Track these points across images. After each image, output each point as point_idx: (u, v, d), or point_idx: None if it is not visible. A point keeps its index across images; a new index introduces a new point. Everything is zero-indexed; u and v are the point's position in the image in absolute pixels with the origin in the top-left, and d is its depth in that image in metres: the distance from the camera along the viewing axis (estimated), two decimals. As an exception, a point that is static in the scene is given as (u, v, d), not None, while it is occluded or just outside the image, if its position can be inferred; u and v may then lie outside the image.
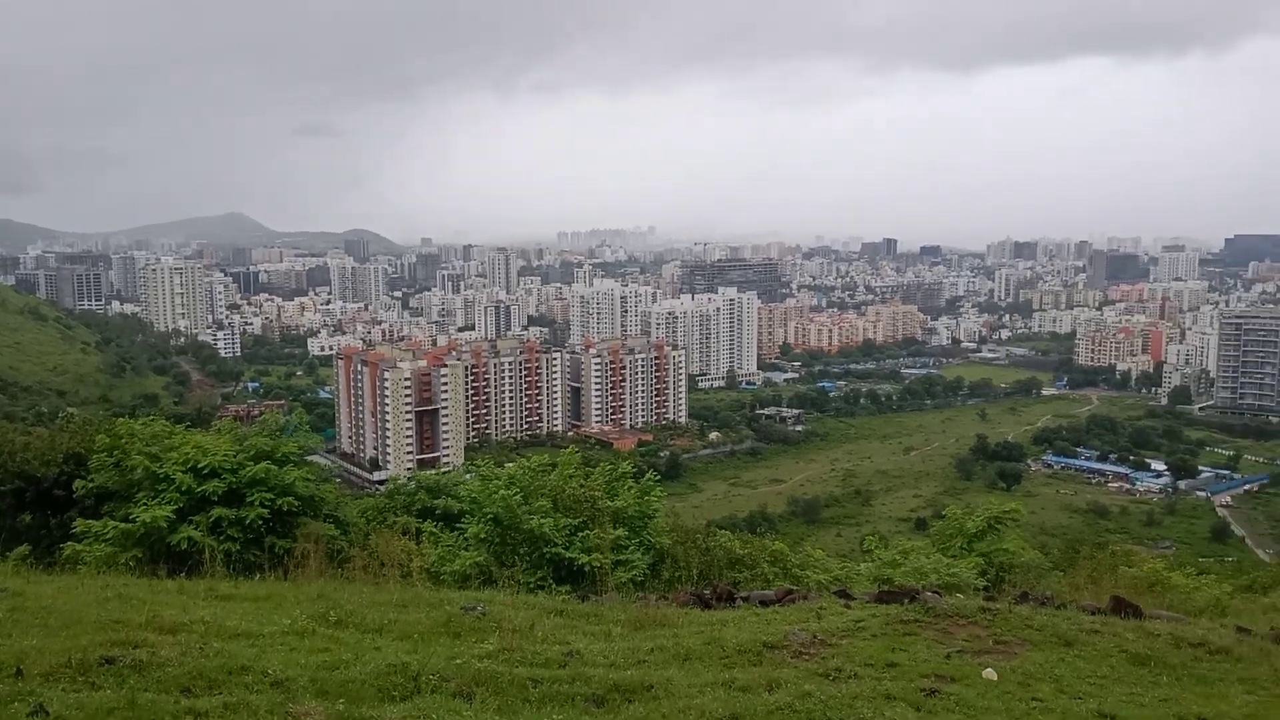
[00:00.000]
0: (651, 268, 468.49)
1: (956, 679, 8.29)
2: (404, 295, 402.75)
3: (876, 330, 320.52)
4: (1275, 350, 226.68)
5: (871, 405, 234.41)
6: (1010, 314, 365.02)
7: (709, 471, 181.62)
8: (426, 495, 21.20)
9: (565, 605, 11.65)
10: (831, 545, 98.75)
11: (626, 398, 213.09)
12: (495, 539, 14.95)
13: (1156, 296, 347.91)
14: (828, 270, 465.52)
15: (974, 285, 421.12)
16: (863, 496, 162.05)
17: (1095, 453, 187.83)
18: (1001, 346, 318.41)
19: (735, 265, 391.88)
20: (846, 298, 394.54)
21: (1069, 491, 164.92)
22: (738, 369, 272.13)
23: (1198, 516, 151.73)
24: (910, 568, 16.18)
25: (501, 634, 9.73)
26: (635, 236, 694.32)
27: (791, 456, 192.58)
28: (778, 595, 12.01)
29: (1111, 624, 10.19)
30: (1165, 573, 18.71)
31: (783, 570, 16.20)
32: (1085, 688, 8.31)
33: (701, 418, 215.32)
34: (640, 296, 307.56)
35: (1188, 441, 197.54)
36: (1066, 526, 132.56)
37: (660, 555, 15.36)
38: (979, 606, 10.53)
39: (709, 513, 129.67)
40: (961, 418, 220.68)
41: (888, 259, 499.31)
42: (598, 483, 15.94)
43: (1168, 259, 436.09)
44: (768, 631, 9.73)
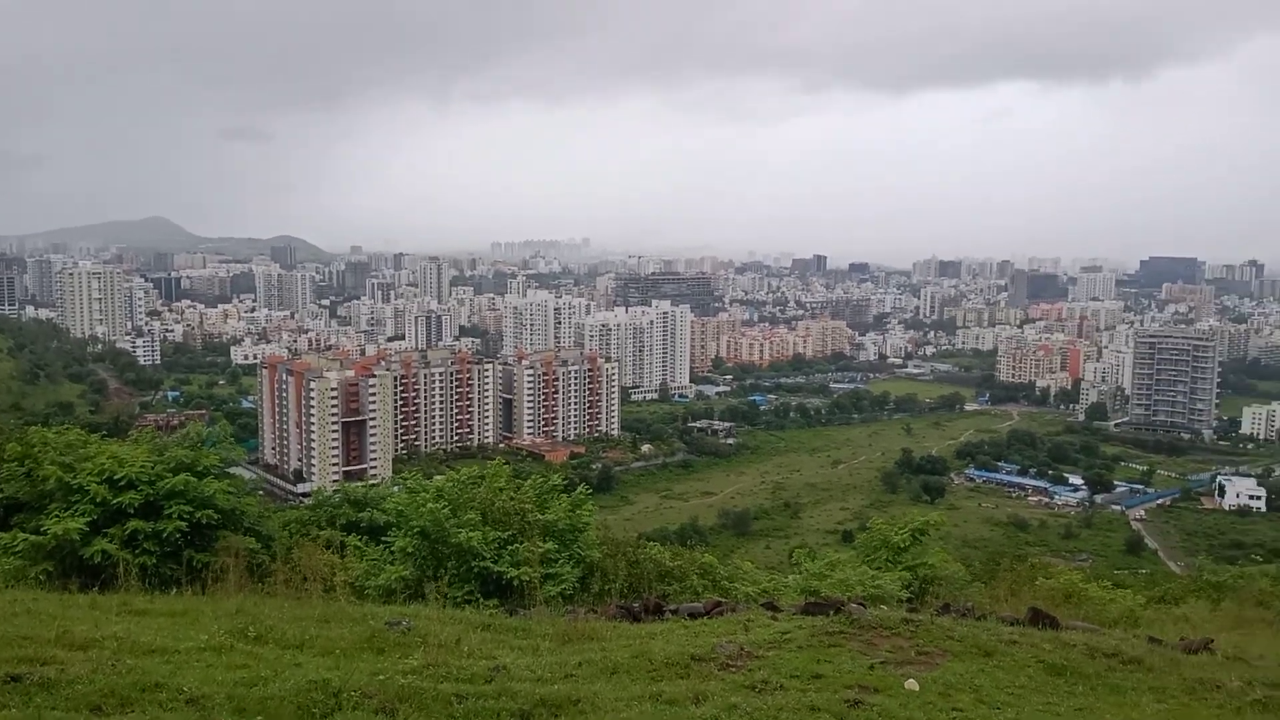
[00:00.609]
0: (586, 280, 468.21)
1: (880, 690, 8.41)
2: (332, 304, 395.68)
3: (806, 345, 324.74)
4: (1187, 369, 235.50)
5: (801, 419, 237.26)
6: (935, 331, 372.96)
7: (641, 484, 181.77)
8: (352, 508, 20.87)
9: (493, 619, 11.55)
10: (761, 557, 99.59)
11: (559, 410, 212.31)
12: (422, 553, 14.73)
13: (1075, 316, 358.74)
14: (760, 285, 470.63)
15: (900, 302, 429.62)
16: (792, 509, 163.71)
17: (1016, 467, 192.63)
18: (926, 362, 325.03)
19: (669, 278, 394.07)
20: (778, 312, 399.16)
21: (990, 505, 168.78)
22: (670, 381, 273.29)
23: (1113, 530, 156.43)
24: (836, 579, 16.42)
25: (426, 649, 9.59)
26: (570, 248, 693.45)
27: (723, 469, 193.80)
28: (706, 607, 12.05)
29: (1029, 635, 10.45)
30: (1081, 585, 19.28)
31: (712, 582, 16.28)
32: (1004, 698, 8.50)
33: (634, 430, 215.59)
34: (574, 308, 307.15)
35: (1104, 457, 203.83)
36: (988, 539, 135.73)
37: (590, 568, 15.29)
38: (902, 618, 10.71)
39: (640, 525, 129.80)
40: (887, 432, 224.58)
41: (818, 275, 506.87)
42: (528, 495, 15.82)
43: (1086, 279, 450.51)
44: (696, 644, 9.76)
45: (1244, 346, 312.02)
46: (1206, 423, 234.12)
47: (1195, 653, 10.69)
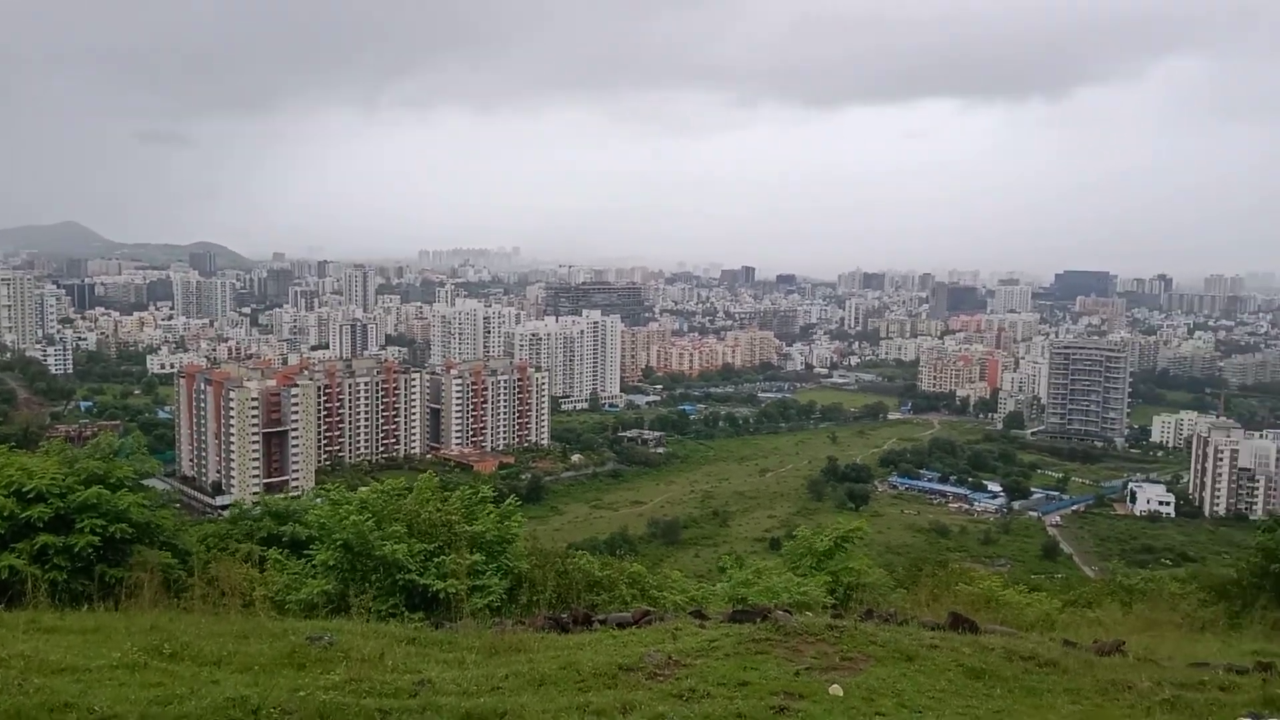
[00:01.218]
0: (515, 289, 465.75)
1: (805, 696, 8.51)
2: (253, 312, 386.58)
3: (735, 355, 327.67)
4: (1100, 379, 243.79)
5: (730, 428, 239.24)
6: (860, 341, 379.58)
7: (571, 494, 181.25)
8: (273, 521, 20.43)
9: (418, 633, 11.41)
10: (690, 566, 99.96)
11: (488, 419, 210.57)
12: (345, 566, 14.47)
13: (993, 327, 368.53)
14: (689, 295, 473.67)
15: (826, 313, 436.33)
16: (720, 517, 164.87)
17: (937, 474, 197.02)
18: (851, 372, 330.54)
19: (600, 288, 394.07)
20: (707, 323, 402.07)
21: (913, 511, 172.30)
22: (601, 391, 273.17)
23: (1030, 535, 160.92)
24: (763, 587, 16.55)
25: (349, 664, 9.43)
26: (499, 257, 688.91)
27: (652, 478, 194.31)
28: (635, 617, 12.06)
29: (950, 639, 10.67)
30: (1000, 589, 19.78)
31: (641, 592, 16.29)
32: (925, 701, 8.67)
33: (564, 440, 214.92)
34: (504, 317, 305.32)
35: (1021, 464, 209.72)
36: (910, 545, 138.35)
37: (518, 580, 15.19)
38: (827, 624, 10.86)
39: (570, 535, 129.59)
40: (814, 440, 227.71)
41: (746, 286, 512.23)
42: (455, 507, 15.65)
43: (1003, 292, 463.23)
44: (624, 654, 9.76)
45: (1153, 357, 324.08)
46: (1118, 431, 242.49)
47: (1108, 654, 11.04)
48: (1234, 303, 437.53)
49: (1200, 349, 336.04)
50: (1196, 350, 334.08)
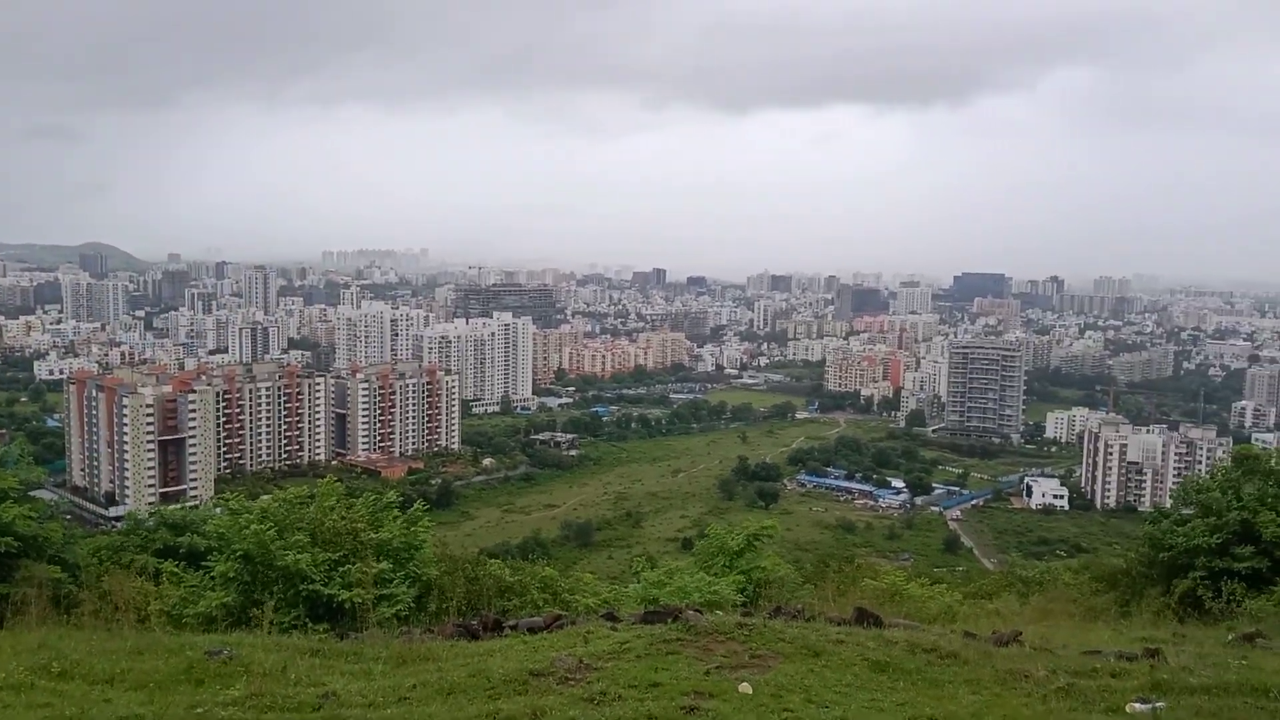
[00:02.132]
0: (424, 290, 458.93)
1: (715, 695, 8.59)
2: (148, 315, 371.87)
3: (647, 357, 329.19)
4: (997, 378, 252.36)
5: (642, 429, 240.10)
6: (768, 342, 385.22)
7: (482, 498, 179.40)
8: (169, 532, 19.79)
9: (322, 644, 11.18)
10: (603, 568, 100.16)
11: (396, 424, 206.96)
12: (245, 577, 14.05)
13: (895, 328, 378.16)
14: (601, 297, 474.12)
15: (736, 315, 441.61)
16: (634, 518, 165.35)
17: (843, 472, 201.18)
18: (760, 373, 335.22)
19: (510, 290, 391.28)
20: (619, 324, 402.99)
21: (820, 508, 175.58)
22: (513, 394, 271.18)
23: (932, 530, 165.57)
24: (675, 587, 16.66)
25: (250, 678, 9.17)
26: (407, 258, 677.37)
27: (565, 481, 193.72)
28: (546, 621, 12.01)
29: (855, 634, 10.90)
30: (903, 584, 20.30)
31: (553, 596, 16.24)
32: (831, 696, 8.84)
33: (475, 443, 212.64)
34: (412, 320, 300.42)
35: (923, 461, 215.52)
36: (818, 541, 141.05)
37: (427, 587, 14.97)
38: (737, 622, 10.98)
39: (482, 540, 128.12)
40: (725, 440, 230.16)
41: (658, 288, 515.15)
42: (361, 514, 15.33)
43: (905, 294, 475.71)
44: (535, 659, 9.71)
45: (1047, 356, 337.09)
46: (1014, 427, 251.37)
47: (1006, 645, 11.41)
48: (1121, 303, 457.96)
49: (1090, 348, 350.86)
50: (1087, 349, 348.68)
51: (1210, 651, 11.53)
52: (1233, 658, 10.97)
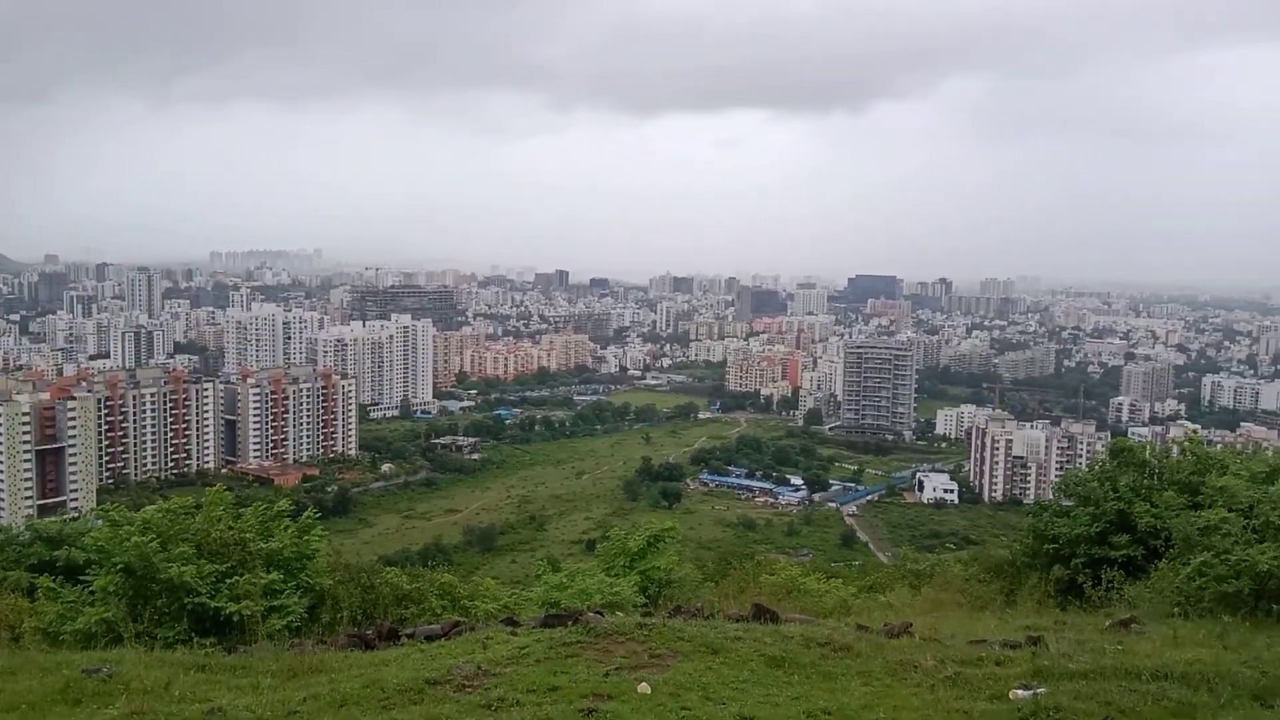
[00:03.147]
0: (318, 292, 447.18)
1: (614, 696, 8.60)
2: (23, 319, 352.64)
3: (550, 359, 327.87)
4: (889, 377, 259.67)
5: (546, 432, 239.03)
6: (671, 344, 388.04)
7: (381, 505, 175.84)
8: (45, 546, 18.88)
9: (209, 659, 10.80)
10: (506, 573, 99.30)
11: (290, 430, 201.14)
12: (127, 592, 13.46)
13: (793, 329, 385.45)
14: (503, 299, 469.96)
15: (639, 316, 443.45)
16: (537, 522, 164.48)
17: (744, 470, 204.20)
18: (663, 374, 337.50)
19: (409, 292, 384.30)
20: (522, 326, 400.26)
21: (722, 507, 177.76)
22: (412, 398, 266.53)
23: (830, 526, 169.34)
24: (577, 590, 16.64)
25: (130, 696, 8.80)
26: (300, 259, 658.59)
27: (468, 485, 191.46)
28: (444, 629, 11.85)
29: (753, 630, 11.06)
30: (800, 579, 20.69)
31: (452, 602, 16.02)
32: (729, 693, 8.94)
33: (374, 449, 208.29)
34: (305, 322, 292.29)
35: (821, 458, 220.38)
36: (720, 539, 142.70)
37: (320, 597, 14.60)
38: (636, 623, 11.01)
39: (380, 548, 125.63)
40: (629, 441, 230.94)
41: (560, 290, 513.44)
42: (250, 524, 14.86)
43: (802, 295, 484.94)
44: (431, 667, 9.56)
45: (936, 355, 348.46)
46: (907, 424, 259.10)
47: (897, 636, 11.73)
48: (1006, 304, 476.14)
49: (977, 347, 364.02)
50: (974, 348, 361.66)
51: (1089, 638, 12.05)
52: (1109, 643, 11.48)
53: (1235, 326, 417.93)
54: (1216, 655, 10.46)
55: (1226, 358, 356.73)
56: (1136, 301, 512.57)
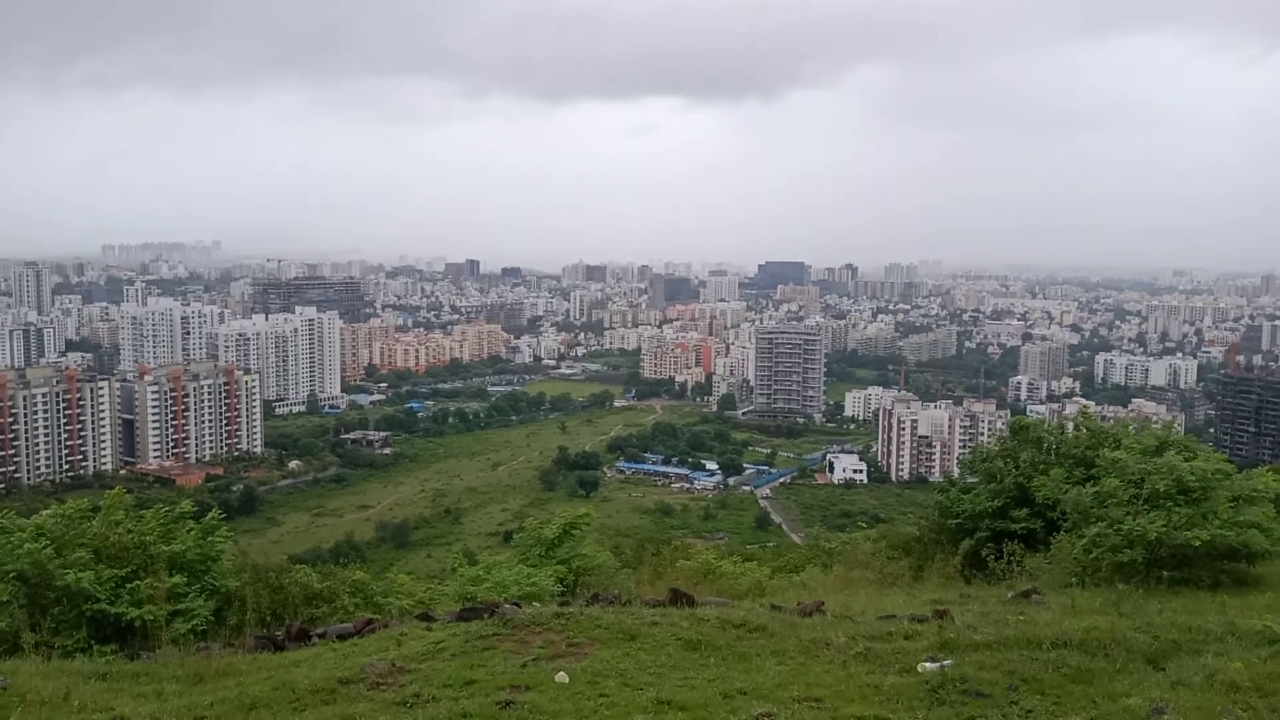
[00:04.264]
0: (218, 286, 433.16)
1: (531, 687, 8.58)
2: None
3: (463, 349, 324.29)
4: (800, 361, 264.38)
5: (460, 424, 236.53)
6: (585, 332, 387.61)
7: (290, 503, 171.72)
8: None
9: (110, 667, 10.44)
10: (422, 567, 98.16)
11: (191, 429, 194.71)
12: (20, 600, 12.87)
13: (706, 315, 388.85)
14: (413, 290, 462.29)
15: (552, 305, 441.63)
16: (453, 515, 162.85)
17: (660, 457, 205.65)
18: (578, 363, 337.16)
19: (314, 283, 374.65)
20: (432, 317, 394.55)
21: (639, 494, 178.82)
22: (320, 392, 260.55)
23: (745, 508, 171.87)
24: (493, 582, 16.52)
25: (27, 708, 8.45)
26: (198, 251, 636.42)
27: (380, 480, 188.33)
28: (357, 627, 11.66)
29: (669, 614, 11.16)
30: (716, 562, 20.93)
31: (365, 600, 15.72)
32: (646, 678, 9.00)
33: (280, 446, 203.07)
34: (205, 317, 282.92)
35: (735, 443, 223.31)
36: (638, 526, 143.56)
37: (227, 599, 14.20)
38: (554, 613, 11.01)
39: (290, 547, 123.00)
40: (544, 431, 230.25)
41: (472, 279, 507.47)
42: (151, 526, 14.34)
43: (714, 282, 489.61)
44: (344, 666, 9.40)
45: (844, 339, 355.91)
46: (817, 407, 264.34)
47: (809, 615, 11.97)
48: (910, 288, 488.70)
49: (883, 330, 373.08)
50: (880, 332, 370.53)
51: (992, 609, 12.48)
52: (1011, 614, 11.91)
53: (1126, 307, 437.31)
54: (1112, 622, 10.93)
55: (1118, 337, 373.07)
56: (1033, 284, 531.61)
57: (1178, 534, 13.94)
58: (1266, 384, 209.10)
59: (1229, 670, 8.79)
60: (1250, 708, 7.90)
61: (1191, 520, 14.19)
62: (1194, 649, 9.97)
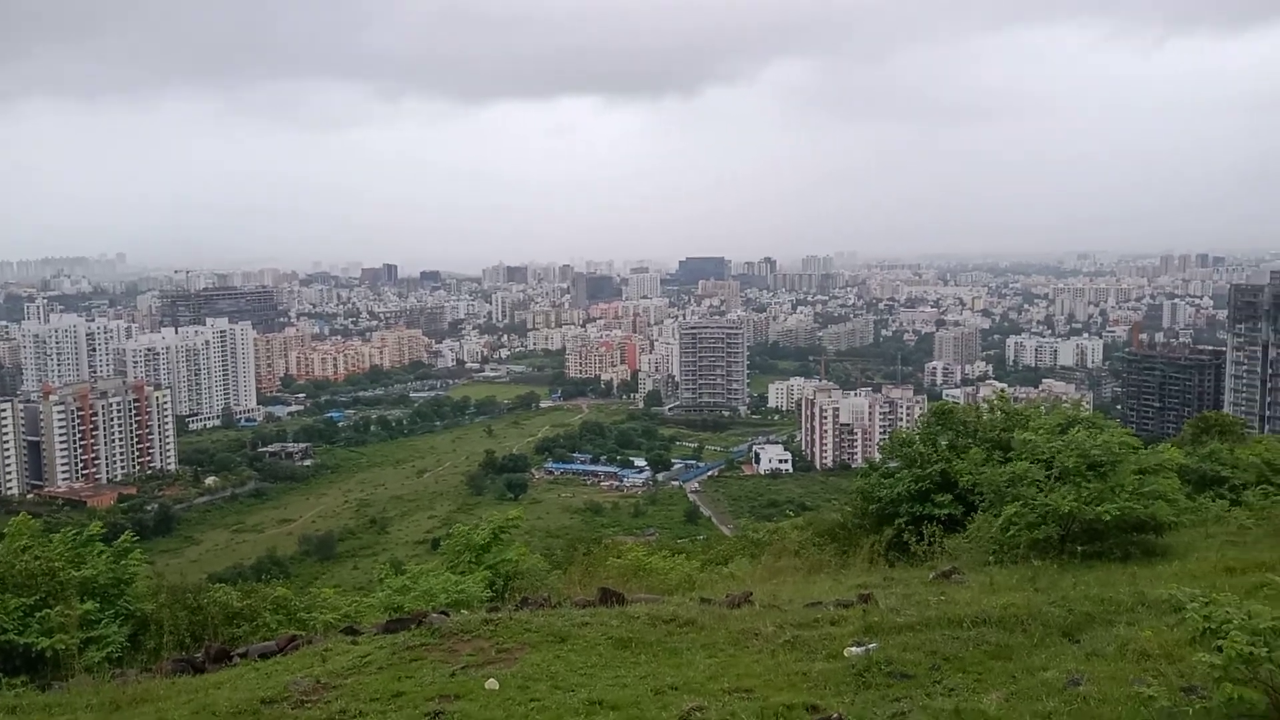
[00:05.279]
0: (124, 300, 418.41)
1: (461, 695, 8.48)
2: None
3: (383, 356, 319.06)
4: (723, 355, 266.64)
5: (383, 431, 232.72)
6: (508, 334, 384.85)
7: (208, 520, 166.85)
8: None
9: (20, 700, 10.05)
10: (348, 580, 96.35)
11: (101, 448, 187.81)
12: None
13: (629, 313, 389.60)
14: (328, 297, 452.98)
15: (474, 308, 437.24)
16: (379, 525, 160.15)
17: (589, 456, 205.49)
18: (502, 365, 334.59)
19: (225, 294, 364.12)
20: (350, 324, 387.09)
21: (569, 494, 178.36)
22: (235, 406, 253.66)
23: (674, 503, 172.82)
24: (421, 591, 16.28)
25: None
26: (102, 265, 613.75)
27: (301, 493, 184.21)
28: (280, 644, 11.38)
29: (600, 614, 11.14)
30: (646, 559, 20.93)
31: (288, 616, 15.33)
32: (577, 679, 8.98)
33: (196, 462, 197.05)
34: (111, 332, 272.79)
35: (662, 439, 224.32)
36: (568, 526, 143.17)
37: (143, 623, 13.74)
38: (483, 619, 10.91)
39: (209, 565, 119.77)
40: (470, 436, 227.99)
41: (389, 285, 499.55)
42: (59, 551, 13.81)
43: (636, 280, 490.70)
44: (267, 686, 9.17)
45: (765, 332, 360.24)
46: (741, 400, 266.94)
47: (738, 606, 12.07)
48: (827, 280, 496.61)
49: (802, 322, 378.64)
50: (799, 323, 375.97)
51: (915, 591, 12.75)
52: (933, 595, 12.20)
53: (1034, 290, 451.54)
54: (1029, 598, 11.27)
55: (1027, 320, 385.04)
56: (945, 271, 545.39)
57: (1089, 509, 14.42)
58: (1168, 360, 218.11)
59: (1140, 639, 9.13)
60: (1160, 674, 8.22)
61: (1100, 494, 14.69)
62: (1107, 620, 10.34)
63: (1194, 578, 11.72)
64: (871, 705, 8.03)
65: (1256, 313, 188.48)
